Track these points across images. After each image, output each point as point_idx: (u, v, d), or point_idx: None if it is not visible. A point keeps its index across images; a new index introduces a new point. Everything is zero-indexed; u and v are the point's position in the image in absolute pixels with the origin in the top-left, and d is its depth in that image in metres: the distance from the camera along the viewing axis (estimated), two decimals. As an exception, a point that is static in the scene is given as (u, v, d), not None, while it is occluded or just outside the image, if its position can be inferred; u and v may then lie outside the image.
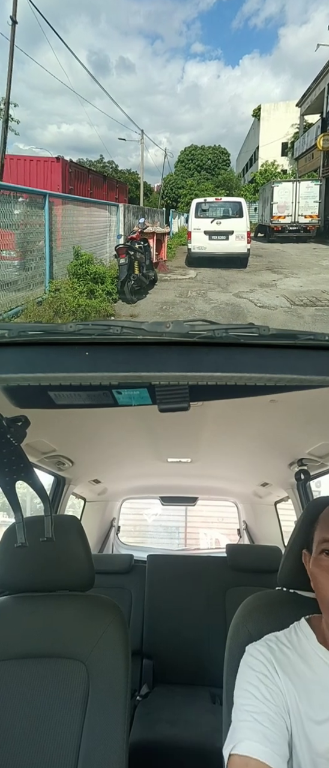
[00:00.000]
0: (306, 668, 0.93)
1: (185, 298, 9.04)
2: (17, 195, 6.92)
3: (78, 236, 9.08)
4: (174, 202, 37.20)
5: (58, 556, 1.32)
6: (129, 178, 39.79)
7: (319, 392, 1.21)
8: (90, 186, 16.26)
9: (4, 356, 0.98)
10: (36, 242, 7.23)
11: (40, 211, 7.38)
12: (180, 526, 3.98)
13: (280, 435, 1.92)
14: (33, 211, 7.24)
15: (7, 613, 1.31)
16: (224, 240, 12.48)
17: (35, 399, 1.11)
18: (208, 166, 40.80)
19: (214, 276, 11.45)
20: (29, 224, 7.09)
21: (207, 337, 0.98)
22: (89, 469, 2.75)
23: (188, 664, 2.40)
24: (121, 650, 1.22)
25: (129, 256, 8.54)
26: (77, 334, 1.00)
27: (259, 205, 25.86)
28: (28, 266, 7.02)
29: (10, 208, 6.39)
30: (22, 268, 6.88)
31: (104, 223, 11.50)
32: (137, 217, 13.56)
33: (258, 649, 0.97)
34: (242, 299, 8.86)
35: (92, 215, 10.49)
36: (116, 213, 12.53)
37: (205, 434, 2.07)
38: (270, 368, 0.93)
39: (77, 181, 14.90)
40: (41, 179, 13.28)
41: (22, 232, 6.88)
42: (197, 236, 12.70)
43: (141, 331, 1.00)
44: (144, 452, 2.45)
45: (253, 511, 3.41)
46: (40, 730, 1.16)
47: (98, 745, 1.14)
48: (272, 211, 20.37)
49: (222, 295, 9.24)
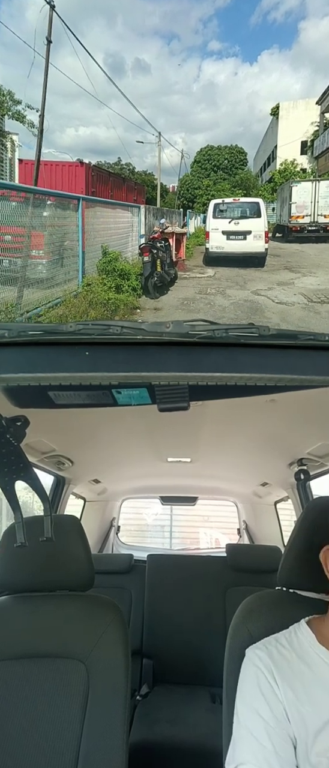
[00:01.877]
0: (306, 669, 0.93)
1: (204, 295, 9.29)
2: (45, 198, 7.33)
3: (105, 236, 9.67)
4: (190, 202, 37.10)
5: (58, 556, 1.32)
6: (145, 179, 40.00)
7: (319, 392, 1.20)
8: (110, 188, 16.98)
9: (4, 356, 0.98)
10: (62, 243, 7.73)
11: (66, 213, 7.91)
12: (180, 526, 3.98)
13: (280, 435, 1.92)
14: (60, 213, 7.73)
15: (7, 613, 1.31)
16: (242, 240, 12.70)
17: (35, 399, 1.11)
18: (225, 166, 40.53)
19: (232, 275, 11.64)
20: (56, 226, 7.60)
21: (207, 337, 0.98)
22: (89, 468, 2.75)
23: (188, 664, 2.40)
24: (121, 650, 1.22)
25: (152, 255, 9.07)
26: (77, 334, 1.00)
27: (277, 205, 25.58)
28: (66, 263, 7.70)
29: (41, 210, 6.85)
30: (58, 264, 7.45)
31: (127, 224, 12.08)
32: (157, 218, 14.51)
33: (257, 655, 0.96)
34: (261, 296, 9.05)
35: (117, 216, 11.18)
36: (137, 214, 13.16)
37: (205, 434, 2.07)
38: (270, 368, 0.93)
39: (99, 183, 15.72)
40: (66, 183, 14.03)
41: (50, 233, 7.31)
42: (215, 236, 12.95)
43: (141, 331, 1.00)
44: (144, 452, 2.45)
45: (253, 510, 3.41)
46: (40, 730, 1.16)
47: (97, 744, 1.14)
48: (290, 211, 20.14)
49: (241, 293, 9.47)
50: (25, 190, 6.81)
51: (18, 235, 6.02)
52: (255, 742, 0.84)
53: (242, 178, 37.63)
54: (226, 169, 40.33)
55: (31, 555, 1.28)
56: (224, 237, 12.86)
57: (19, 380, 0.93)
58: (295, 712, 0.88)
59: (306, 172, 32.78)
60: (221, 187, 35.38)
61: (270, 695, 0.89)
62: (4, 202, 5.80)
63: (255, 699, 0.90)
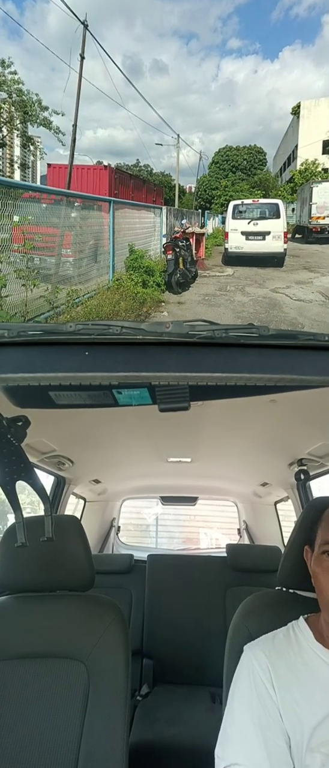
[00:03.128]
0: (303, 666, 0.93)
1: (224, 292, 9.73)
2: (73, 200, 7.93)
3: (131, 235, 10.43)
4: (208, 203, 36.97)
5: (58, 556, 1.32)
6: (163, 180, 40.23)
7: (319, 392, 1.21)
8: (131, 190, 17.99)
9: (4, 356, 0.98)
10: (97, 241, 8.57)
11: (95, 214, 8.65)
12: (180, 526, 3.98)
13: (280, 435, 1.92)
14: (86, 214, 8.36)
15: (7, 613, 1.31)
16: (261, 240, 13.00)
17: (35, 399, 1.11)
18: (243, 166, 40.22)
19: (250, 274, 11.92)
20: (86, 226, 8.24)
21: (207, 338, 0.98)
22: (89, 469, 2.75)
23: (189, 664, 2.40)
24: (121, 650, 1.22)
25: (175, 253, 9.66)
26: (77, 334, 1.00)
27: (297, 205, 25.44)
28: (99, 260, 8.58)
29: (69, 212, 7.41)
30: (92, 260, 8.22)
31: (150, 224, 12.94)
32: (177, 219, 15.44)
33: (254, 653, 0.97)
34: (279, 294, 9.34)
35: (141, 217, 12.05)
36: (159, 215, 14.11)
37: (205, 434, 2.07)
38: (270, 368, 0.94)
39: (121, 185, 16.84)
40: (91, 185, 15.25)
41: (77, 233, 7.86)
42: (234, 236, 13.30)
43: (141, 331, 1.00)
44: (144, 452, 2.45)
45: (253, 511, 3.41)
46: (40, 730, 1.16)
47: (98, 745, 1.14)
48: (310, 212, 20.18)
49: (259, 290, 9.79)
50: (64, 194, 7.68)
51: (50, 235, 6.63)
52: (248, 743, 0.85)
53: (261, 179, 37.30)
54: (244, 170, 40.06)
55: (32, 555, 1.28)
56: (244, 237, 13.17)
57: (19, 380, 0.93)
58: (290, 711, 0.89)
59: (328, 172, 32.19)
60: (239, 187, 34.98)
61: (265, 695, 0.90)
62: (36, 204, 6.40)
63: (250, 698, 0.91)
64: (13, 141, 20.33)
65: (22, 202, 5.86)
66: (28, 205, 6.05)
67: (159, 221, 13.92)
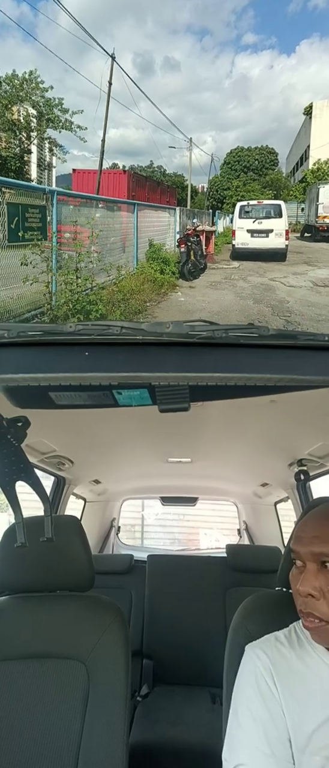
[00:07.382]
0: (304, 668, 0.93)
1: (229, 280, 11.41)
2: (99, 203, 9.68)
3: (150, 232, 12.37)
4: (219, 203, 37.05)
5: (58, 557, 1.32)
6: (175, 180, 40.77)
7: (319, 392, 1.21)
8: (147, 192, 19.83)
9: (4, 356, 0.98)
10: (126, 236, 10.63)
11: (116, 213, 10.42)
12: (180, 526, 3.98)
13: (280, 435, 1.92)
14: (108, 214, 9.82)
15: (7, 613, 1.31)
16: (265, 237, 14.52)
17: (35, 399, 1.11)
18: (255, 167, 40.23)
19: (254, 267, 13.38)
20: (111, 225, 9.71)
21: (207, 338, 0.98)
22: (89, 469, 2.75)
23: (188, 665, 2.40)
24: (121, 650, 1.22)
25: (187, 246, 11.34)
26: (77, 334, 1.00)
27: (306, 205, 25.88)
28: (127, 251, 10.66)
29: (94, 212, 8.59)
30: (121, 251, 10.24)
31: (166, 223, 14.95)
32: (189, 218, 17.45)
33: (256, 653, 0.97)
34: (275, 282, 10.78)
35: (159, 217, 14.14)
36: (173, 215, 16.12)
37: (205, 434, 2.07)
38: (270, 368, 0.93)
39: (137, 187, 18.74)
40: (111, 188, 17.16)
41: (108, 231, 9.24)
42: (241, 234, 14.93)
43: (141, 331, 1.00)
44: (144, 452, 2.45)
45: (253, 511, 3.41)
46: (40, 730, 1.16)
47: (98, 745, 1.14)
48: (317, 211, 20.82)
49: (259, 279, 11.38)
50: (102, 200, 10.27)
51: (79, 233, 7.45)
52: (253, 743, 0.85)
53: (272, 179, 37.28)
54: (256, 170, 40.05)
55: (32, 555, 1.28)
56: (249, 235, 14.69)
57: (19, 380, 0.93)
58: (292, 711, 0.88)
59: (341, 173, 32.11)
60: (250, 188, 35.03)
61: (268, 695, 0.90)
62: (65, 206, 7.68)
63: (253, 698, 0.90)
64: (41, 145, 20.67)
65: (60, 205, 7.20)
66: (63, 208, 7.42)
67: (173, 220, 15.81)
